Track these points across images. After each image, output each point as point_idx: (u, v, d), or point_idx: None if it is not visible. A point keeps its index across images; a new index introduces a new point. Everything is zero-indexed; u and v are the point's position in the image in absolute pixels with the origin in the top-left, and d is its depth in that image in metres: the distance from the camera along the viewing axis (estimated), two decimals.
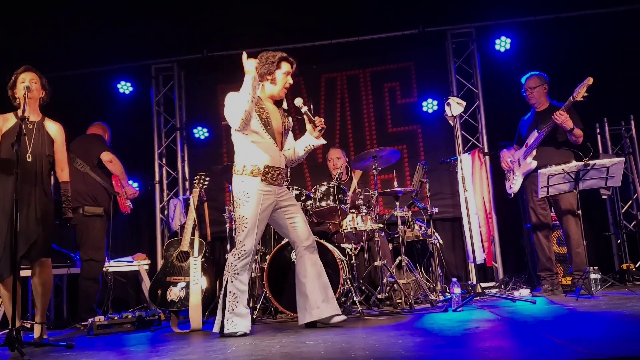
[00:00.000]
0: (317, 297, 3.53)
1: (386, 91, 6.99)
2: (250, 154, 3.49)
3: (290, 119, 3.79)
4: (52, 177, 3.93)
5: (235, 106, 3.43)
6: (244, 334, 3.37)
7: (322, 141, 3.64)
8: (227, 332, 3.37)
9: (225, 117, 3.51)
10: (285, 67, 3.62)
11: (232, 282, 3.43)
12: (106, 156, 4.89)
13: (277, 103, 3.72)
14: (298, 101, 3.51)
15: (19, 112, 3.61)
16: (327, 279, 3.66)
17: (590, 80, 4.40)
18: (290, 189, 4.85)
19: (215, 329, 3.47)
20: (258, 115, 3.49)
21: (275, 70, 3.59)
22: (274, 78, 3.61)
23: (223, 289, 3.46)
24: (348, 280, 4.51)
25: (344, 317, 3.60)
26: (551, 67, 5.09)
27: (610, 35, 6.28)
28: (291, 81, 3.68)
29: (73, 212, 4.03)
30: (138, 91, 7.13)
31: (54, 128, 3.85)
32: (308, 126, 3.62)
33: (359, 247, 5.01)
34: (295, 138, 3.82)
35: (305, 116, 3.55)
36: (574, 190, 4.44)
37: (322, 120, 3.58)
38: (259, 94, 3.57)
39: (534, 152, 4.84)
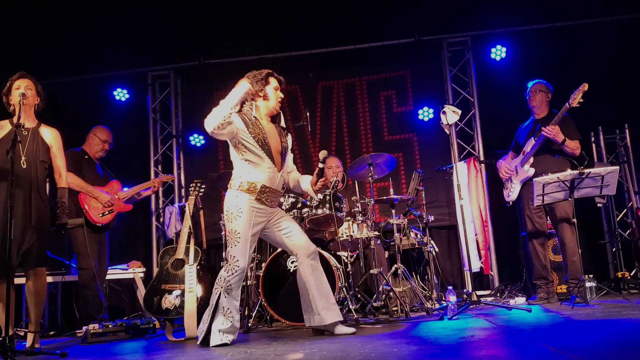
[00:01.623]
0: (317, 304, 3.53)
1: (382, 99, 7.01)
2: (247, 172, 3.50)
3: (289, 137, 3.77)
4: (48, 184, 3.90)
5: (218, 111, 3.43)
6: (225, 344, 3.36)
7: (317, 196, 3.83)
8: (214, 344, 3.36)
9: (205, 122, 3.49)
10: (274, 82, 3.66)
11: (225, 297, 3.42)
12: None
13: (273, 120, 3.70)
14: (322, 154, 3.54)
15: (15, 119, 3.61)
16: (329, 285, 3.66)
17: (585, 87, 4.43)
18: (287, 196, 4.86)
19: (199, 341, 3.45)
20: (253, 137, 3.48)
21: (265, 86, 3.62)
22: (265, 94, 3.62)
23: (214, 302, 3.44)
24: (344, 288, 4.51)
25: (351, 329, 3.57)
26: (546, 75, 5.12)
27: (605, 45, 6.33)
28: (282, 95, 3.71)
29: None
30: (134, 98, 7.12)
31: (49, 134, 3.83)
32: (315, 178, 3.62)
33: (355, 255, 5.01)
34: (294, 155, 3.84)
35: (320, 170, 3.58)
36: (570, 199, 4.45)
37: (331, 182, 3.72)
38: (254, 115, 3.57)
39: (531, 160, 4.85)
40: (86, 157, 5.08)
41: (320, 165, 3.56)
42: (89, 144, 5.14)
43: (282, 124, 3.76)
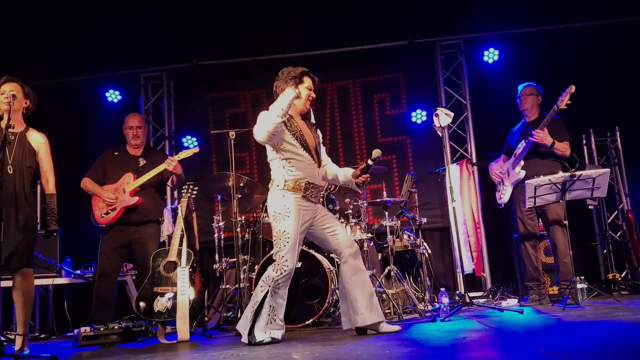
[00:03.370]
0: (360, 304, 3.49)
1: (376, 102, 7.03)
2: (291, 170, 3.49)
3: (319, 132, 3.79)
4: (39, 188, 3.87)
5: (265, 119, 3.40)
6: (275, 341, 3.39)
7: (359, 189, 3.83)
8: (260, 340, 3.35)
9: (254, 131, 3.48)
10: (307, 81, 3.64)
11: (272, 296, 3.41)
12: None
13: (304, 117, 3.71)
14: (376, 152, 3.55)
15: (3, 123, 3.57)
16: (371, 285, 3.63)
17: (572, 88, 4.47)
18: None
19: (244, 339, 3.43)
20: (292, 134, 3.49)
21: (299, 84, 3.60)
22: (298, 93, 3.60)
23: (259, 300, 3.42)
24: (337, 290, 4.51)
25: (396, 327, 3.57)
26: (538, 78, 5.15)
27: (597, 48, 6.37)
28: (314, 95, 3.70)
29: None
30: (127, 100, 7.08)
31: (36, 139, 3.79)
32: (359, 172, 3.62)
33: None
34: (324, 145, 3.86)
35: (367, 164, 3.58)
36: (561, 201, 4.48)
37: (368, 179, 3.66)
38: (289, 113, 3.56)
39: (522, 162, 4.88)
40: (116, 153, 4.87)
41: (370, 161, 3.55)
42: (125, 135, 4.96)
43: (312, 120, 3.76)
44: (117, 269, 4.77)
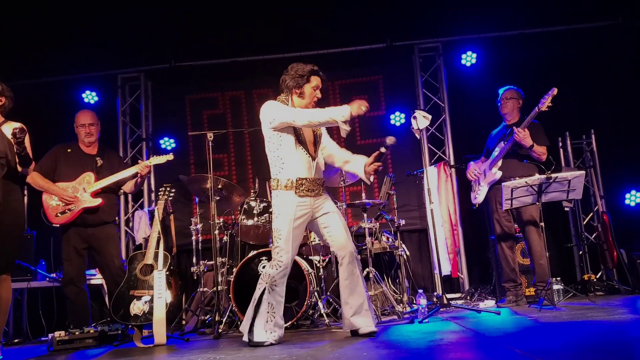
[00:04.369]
0: (348, 310, 3.54)
1: None
2: (282, 168, 3.52)
3: (323, 128, 3.77)
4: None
5: (307, 112, 3.43)
6: (271, 344, 3.36)
7: (367, 180, 3.74)
8: (259, 340, 3.35)
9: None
10: (315, 81, 3.61)
11: (269, 292, 3.43)
12: None
13: None
14: (390, 139, 3.55)
15: None
16: (364, 290, 3.61)
17: (555, 91, 4.51)
18: (258, 200, 4.86)
19: (245, 338, 3.42)
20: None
21: (305, 84, 3.58)
22: (302, 92, 3.59)
23: (257, 297, 3.44)
24: (315, 293, 4.51)
25: (374, 329, 3.54)
26: (516, 81, 5.21)
27: (573, 52, 6.47)
28: (319, 95, 3.66)
29: None
30: (103, 101, 6.98)
31: (9, 129, 3.70)
32: (372, 160, 3.61)
33: (327, 259, 5.01)
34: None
35: (380, 152, 3.56)
36: (537, 203, 4.53)
37: (380, 167, 3.66)
38: (289, 107, 3.56)
39: (499, 163, 4.92)
40: (69, 150, 4.67)
41: (382, 149, 3.54)
42: (77, 134, 4.76)
43: None
44: (83, 271, 4.60)
